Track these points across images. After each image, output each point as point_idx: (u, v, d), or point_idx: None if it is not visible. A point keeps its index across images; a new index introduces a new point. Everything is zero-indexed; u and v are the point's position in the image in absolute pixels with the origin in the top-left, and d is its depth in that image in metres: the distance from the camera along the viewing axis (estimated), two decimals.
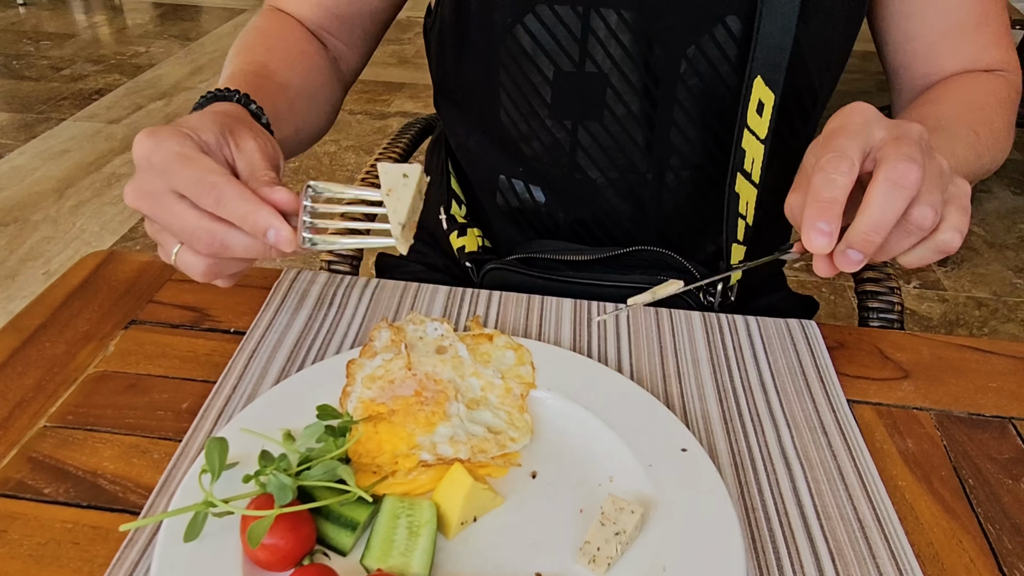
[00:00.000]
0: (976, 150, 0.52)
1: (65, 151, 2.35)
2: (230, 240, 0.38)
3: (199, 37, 3.38)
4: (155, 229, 0.42)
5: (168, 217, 0.39)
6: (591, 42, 0.55)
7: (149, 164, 0.39)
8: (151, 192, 0.39)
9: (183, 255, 0.40)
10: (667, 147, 0.58)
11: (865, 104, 0.39)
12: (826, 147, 0.38)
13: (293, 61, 0.57)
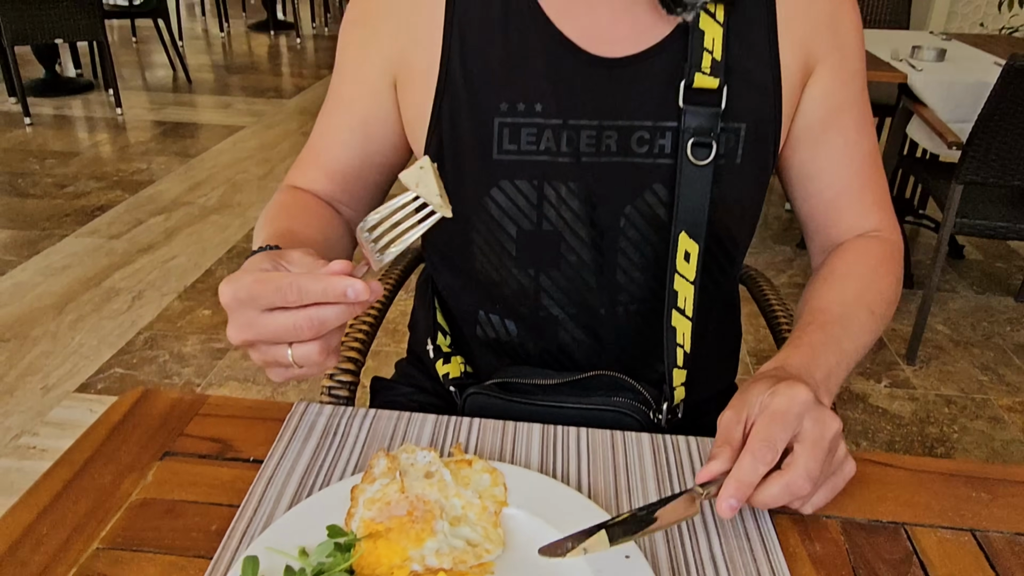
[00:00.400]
0: (873, 329, 0.65)
1: (66, 267, 2.45)
2: (324, 314, 0.47)
3: (199, 153, 3.56)
4: (262, 352, 0.49)
5: (271, 329, 0.47)
6: (546, 207, 0.66)
7: (237, 302, 0.48)
8: (248, 321, 0.48)
9: (297, 352, 0.48)
10: (615, 287, 0.69)
11: (806, 393, 0.51)
12: (767, 424, 0.50)
13: (312, 221, 0.69)
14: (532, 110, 0.64)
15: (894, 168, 2.40)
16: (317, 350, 0.48)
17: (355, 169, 0.73)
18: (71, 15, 3.78)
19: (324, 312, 0.47)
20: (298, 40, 6.43)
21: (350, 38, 0.71)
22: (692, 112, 0.64)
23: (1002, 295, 2.46)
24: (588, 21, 0.64)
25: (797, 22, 0.66)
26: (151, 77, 5.09)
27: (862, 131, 0.71)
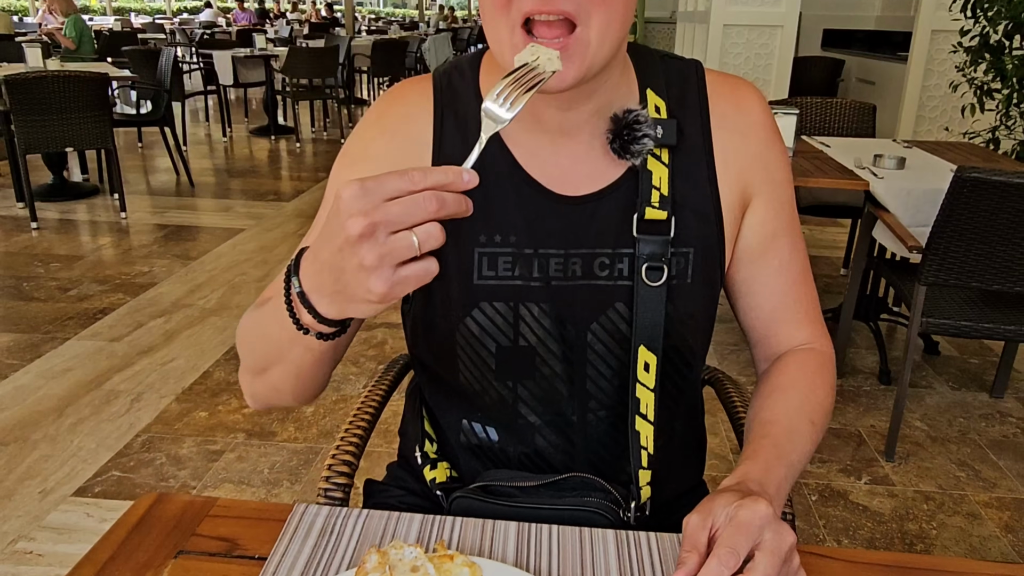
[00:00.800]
0: (814, 439, 0.73)
1: (67, 369, 2.51)
2: (444, 195, 0.48)
3: (199, 256, 3.68)
4: (379, 245, 0.47)
5: (396, 210, 0.47)
6: (521, 325, 0.75)
7: (363, 189, 0.48)
8: (373, 206, 0.47)
9: (421, 233, 0.48)
10: (585, 395, 0.78)
11: (766, 508, 0.57)
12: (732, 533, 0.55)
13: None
14: (507, 241, 0.74)
15: (864, 268, 2.52)
16: (438, 228, 0.48)
17: None
18: (82, 125, 3.99)
19: (444, 193, 0.48)
20: (298, 144, 6.72)
21: (345, 174, 0.78)
22: (645, 240, 0.74)
23: (977, 391, 2.54)
24: (553, 166, 0.75)
25: (732, 161, 0.77)
26: (155, 181, 5.29)
27: (795, 253, 0.81)
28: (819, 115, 3.25)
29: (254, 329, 0.71)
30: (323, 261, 0.52)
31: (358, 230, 0.47)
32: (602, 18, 0.63)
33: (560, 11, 0.62)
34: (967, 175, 1.79)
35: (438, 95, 0.77)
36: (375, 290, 0.49)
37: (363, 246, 0.48)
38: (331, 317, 0.56)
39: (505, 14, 0.63)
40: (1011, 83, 3.19)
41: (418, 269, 0.49)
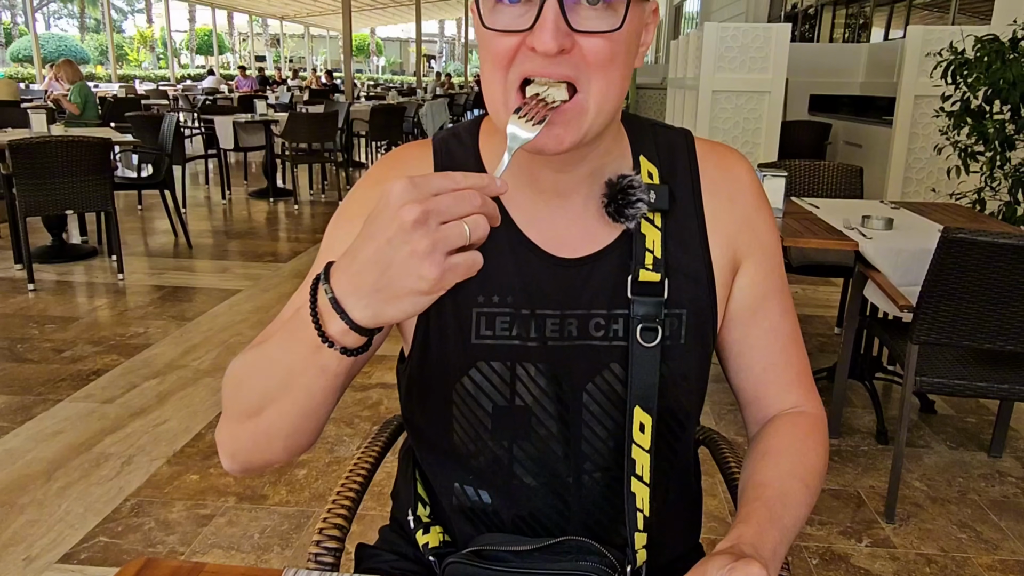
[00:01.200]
0: (808, 502, 0.74)
1: (58, 432, 2.49)
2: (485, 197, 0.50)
3: (195, 317, 3.69)
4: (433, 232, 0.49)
5: (446, 201, 0.49)
6: (518, 385, 0.76)
7: (413, 184, 0.50)
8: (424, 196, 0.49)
9: (471, 222, 0.50)
10: (580, 456, 0.77)
11: (759, 570, 0.57)
12: None
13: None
14: (505, 302, 0.75)
15: (857, 328, 2.53)
16: (484, 220, 0.50)
17: None
18: (83, 189, 4.04)
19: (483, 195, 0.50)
20: (296, 207, 6.79)
21: (342, 232, 0.78)
22: (639, 302, 0.75)
23: (975, 450, 2.52)
24: (549, 228, 0.77)
25: (722, 225, 0.80)
26: (153, 243, 5.33)
27: (785, 316, 0.82)
28: (808, 177, 3.32)
29: (253, 365, 0.68)
30: (365, 258, 0.52)
31: (413, 216, 0.48)
32: (601, 85, 0.65)
33: (562, 75, 0.64)
34: (953, 236, 1.82)
35: (438, 160, 0.79)
36: (428, 275, 0.49)
37: (416, 232, 0.49)
38: (364, 323, 0.54)
39: (504, 74, 0.65)
40: (993, 146, 3.27)
41: (467, 258, 0.51)
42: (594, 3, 0.62)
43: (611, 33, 0.63)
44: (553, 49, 0.61)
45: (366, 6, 24.22)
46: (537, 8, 0.61)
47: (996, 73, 3.10)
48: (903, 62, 4.93)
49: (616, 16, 0.63)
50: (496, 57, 0.65)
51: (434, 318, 0.76)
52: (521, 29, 0.63)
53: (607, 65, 0.64)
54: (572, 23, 0.62)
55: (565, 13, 0.61)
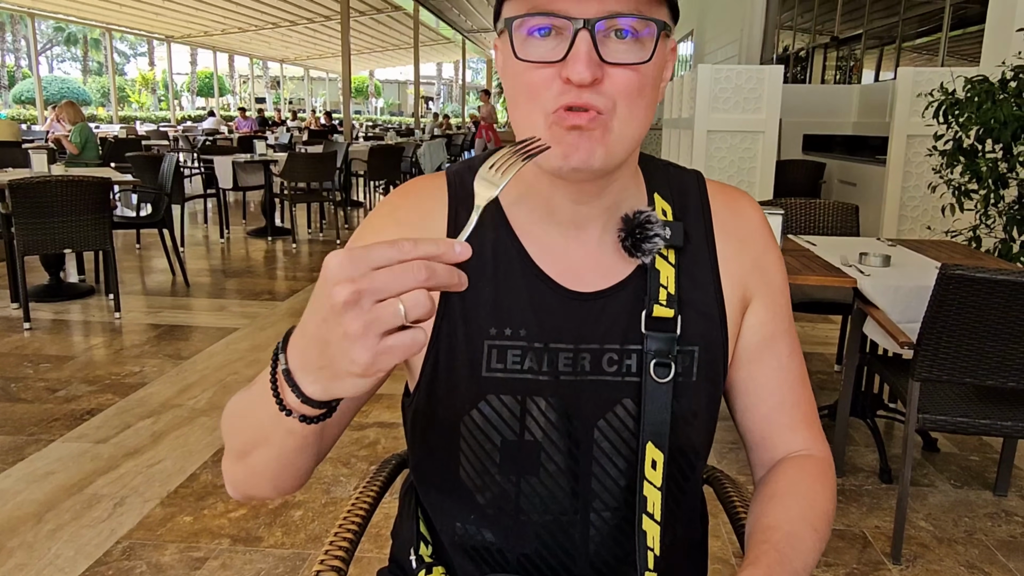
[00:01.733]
0: (818, 547, 0.72)
1: (50, 473, 2.45)
2: (435, 265, 0.46)
3: (191, 356, 3.66)
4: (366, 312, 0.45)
5: (383, 277, 0.45)
6: (527, 419, 0.75)
7: (350, 258, 0.46)
8: (360, 273, 0.45)
9: (408, 300, 0.45)
10: (589, 494, 0.76)
11: None
12: None
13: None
14: (517, 335, 0.75)
15: (857, 365, 2.52)
16: (426, 296, 0.46)
17: None
18: (82, 228, 4.05)
19: (435, 264, 0.46)
20: (294, 245, 6.81)
21: None
22: (653, 337, 0.75)
23: (980, 488, 2.49)
24: (564, 262, 0.77)
25: (733, 264, 0.80)
26: (151, 281, 5.33)
27: (793, 356, 0.82)
28: (804, 215, 3.34)
29: (240, 409, 0.68)
30: (309, 335, 0.50)
31: (343, 297, 0.45)
32: (626, 111, 0.66)
33: (591, 105, 0.65)
34: (952, 272, 1.82)
35: (452, 191, 0.79)
36: (358, 360, 0.46)
37: (348, 314, 0.45)
38: (316, 397, 0.53)
39: (537, 105, 0.67)
40: (987, 184, 3.30)
41: (404, 339, 0.46)
42: (622, 37, 0.64)
43: (640, 65, 0.65)
44: (587, 79, 0.63)
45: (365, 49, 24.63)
46: (569, 40, 0.63)
47: (987, 113, 3.14)
48: (895, 102, 5.01)
49: (644, 50, 0.65)
50: (529, 88, 0.66)
51: (444, 349, 0.76)
52: (554, 60, 0.65)
53: (635, 95, 0.66)
54: (603, 55, 0.64)
55: (597, 46, 0.63)
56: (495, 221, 0.78)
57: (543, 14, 0.64)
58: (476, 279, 0.76)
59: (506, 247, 0.77)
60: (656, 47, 0.65)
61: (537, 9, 0.64)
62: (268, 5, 16.24)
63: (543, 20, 0.64)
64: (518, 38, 0.66)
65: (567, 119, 0.65)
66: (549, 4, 0.63)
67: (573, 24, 0.63)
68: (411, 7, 15.96)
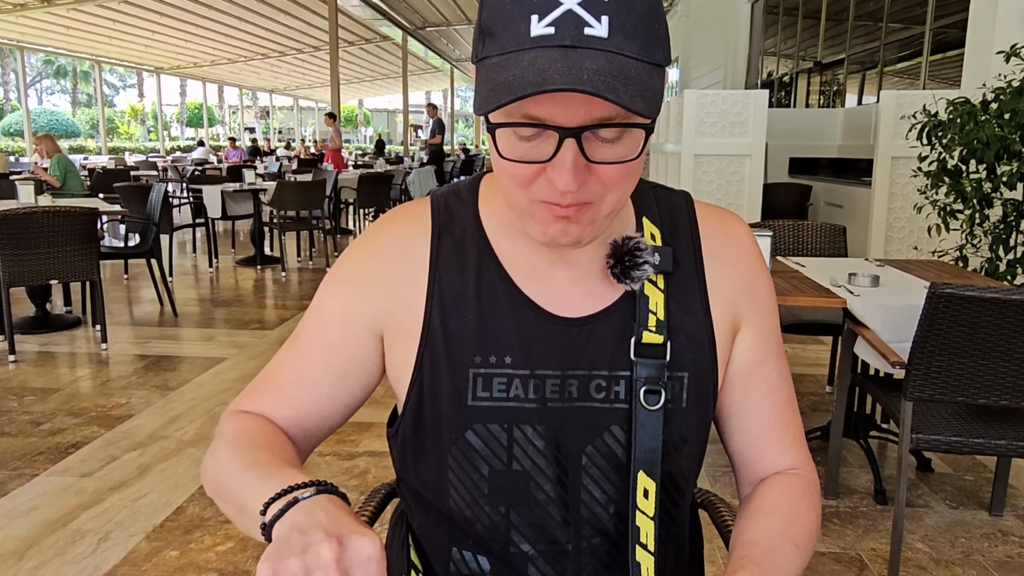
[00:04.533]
0: (799, 563, 0.71)
1: (33, 508, 2.40)
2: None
3: (179, 386, 3.62)
4: None
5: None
6: (515, 448, 0.73)
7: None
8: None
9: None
10: (580, 522, 0.74)
11: None
12: None
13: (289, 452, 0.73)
14: (503, 362, 0.73)
15: (849, 385, 2.51)
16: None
17: (324, 408, 0.77)
18: (69, 259, 4.02)
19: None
20: (283, 273, 6.78)
21: (337, 290, 0.78)
22: (642, 364, 0.74)
23: (975, 509, 2.47)
24: (550, 288, 0.76)
25: (723, 288, 0.79)
26: (139, 312, 5.28)
27: (782, 379, 0.82)
28: (793, 236, 3.36)
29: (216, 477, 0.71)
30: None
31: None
32: (615, 196, 0.65)
33: (581, 202, 0.64)
34: (941, 291, 1.82)
35: (436, 217, 0.78)
36: None
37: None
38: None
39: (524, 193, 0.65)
40: (972, 204, 3.33)
41: None
42: (610, 140, 0.61)
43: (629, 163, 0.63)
44: (573, 188, 0.61)
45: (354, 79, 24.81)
46: (556, 144, 0.60)
47: (970, 134, 3.18)
48: (879, 125, 5.07)
49: (631, 147, 0.62)
50: (515, 180, 0.64)
51: (428, 379, 0.74)
52: (540, 160, 0.62)
53: (621, 184, 0.64)
54: (590, 155, 0.61)
55: (584, 149, 0.60)
56: (479, 248, 0.76)
57: (530, 124, 0.60)
58: (459, 307, 0.75)
59: (490, 274, 0.75)
60: (644, 144, 0.62)
61: (524, 116, 0.60)
62: (257, 36, 16.37)
63: (530, 131, 0.61)
64: (502, 138, 0.63)
65: (554, 210, 0.64)
66: (535, 109, 0.59)
67: (559, 132, 0.60)
68: (400, 37, 16.11)
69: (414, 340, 0.75)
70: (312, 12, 13.70)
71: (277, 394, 0.78)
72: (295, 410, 0.77)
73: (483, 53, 0.62)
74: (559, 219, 0.64)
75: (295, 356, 0.79)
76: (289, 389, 0.78)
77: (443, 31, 16.48)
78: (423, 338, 0.74)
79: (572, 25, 0.57)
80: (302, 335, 0.79)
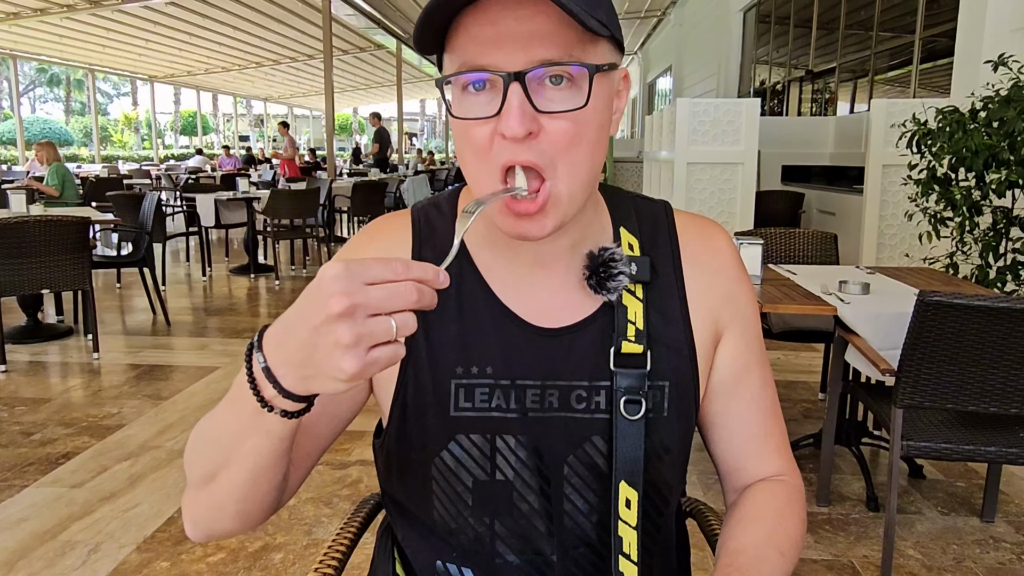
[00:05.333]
0: (784, 570, 0.72)
1: (23, 519, 2.38)
2: (424, 289, 0.50)
3: (171, 396, 3.61)
4: (359, 326, 0.48)
5: (377, 295, 0.49)
6: (498, 458, 0.74)
7: (348, 272, 0.49)
8: (356, 288, 0.48)
9: (399, 319, 0.49)
10: (563, 532, 0.75)
11: None
12: None
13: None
14: (484, 372, 0.74)
15: (841, 393, 2.52)
16: (414, 318, 0.50)
17: (313, 426, 0.77)
18: (60, 268, 4.01)
19: (424, 287, 0.50)
20: (276, 282, 6.77)
21: None
22: (622, 374, 0.74)
23: (967, 515, 2.48)
24: (530, 299, 0.76)
25: (703, 297, 0.79)
26: (131, 321, 5.26)
27: (765, 386, 0.82)
28: (784, 244, 3.37)
29: (208, 428, 0.67)
30: (294, 336, 0.52)
31: (339, 308, 0.48)
32: (568, 168, 0.65)
33: (527, 162, 0.64)
34: (929, 299, 1.84)
35: (416, 229, 0.79)
36: (347, 369, 0.49)
37: (342, 324, 0.48)
38: (297, 392, 0.55)
39: (484, 163, 0.66)
40: (961, 212, 3.35)
41: (389, 351, 0.50)
42: (558, 83, 0.63)
43: (577, 112, 0.64)
44: (520, 134, 0.62)
45: (348, 87, 24.85)
46: (502, 94, 0.62)
47: (959, 142, 3.20)
48: (869, 133, 5.10)
49: (581, 94, 0.63)
50: (473, 146, 0.66)
51: (411, 391, 0.75)
52: (489, 115, 0.63)
53: (573, 147, 0.65)
54: (537, 105, 0.63)
55: (530, 96, 0.62)
56: (460, 261, 0.77)
57: (474, 70, 0.63)
58: (442, 319, 0.75)
59: (471, 286, 0.76)
60: (592, 89, 0.63)
61: (468, 66, 0.63)
62: (251, 45, 16.38)
63: (475, 76, 0.63)
64: (455, 95, 0.65)
65: (514, 207, 0.66)
66: (479, 58, 0.62)
67: (504, 78, 0.61)
68: (394, 46, 16.14)
69: None
70: (306, 21, 13.72)
71: None
72: None
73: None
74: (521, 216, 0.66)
75: None
76: None
77: None
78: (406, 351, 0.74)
79: None
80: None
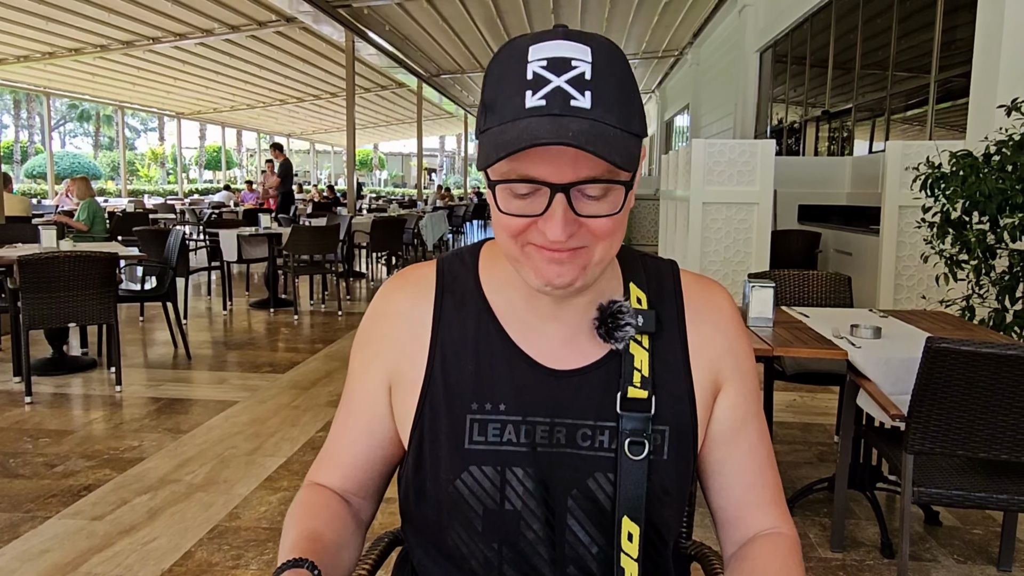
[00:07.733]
0: None
1: (44, 551, 2.43)
2: None
3: (190, 429, 3.66)
4: None
5: None
6: (507, 489, 0.80)
7: None
8: None
9: None
10: (564, 560, 0.81)
11: None
12: None
13: (332, 522, 0.82)
14: (497, 409, 0.81)
15: (854, 437, 2.52)
16: None
17: (364, 463, 0.88)
18: (88, 302, 4.11)
19: None
20: (295, 317, 6.86)
21: (356, 356, 0.90)
22: (628, 417, 0.81)
23: (984, 564, 2.45)
24: (542, 342, 0.84)
25: (704, 350, 0.86)
26: (153, 354, 5.36)
27: (761, 438, 0.87)
28: (797, 286, 3.39)
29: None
30: None
31: None
32: (604, 245, 0.74)
33: (572, 249, 0.72)
34: (937, 346, 1.86)
35: (440, 278, 0.88)
36: None
37: None
38: None
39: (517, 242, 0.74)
40: (977, 255, 3.36)
41: None
42: (596, 197, 0.71)
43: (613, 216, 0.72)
44: (563, 238, 0.70)
45: (369, 124, 25.30)
46: (547, 200, 0.70)
47: (972, 187, 3.23)
48: (885, 174, 5.13)
49: (614, 203, 0.71)
50: (509, 230, 0.74)
51: (428, 423, 0.82)
52: (533, 215, 0.71)
53: (609, 235, 0.73)
54: (577, 210, 0.71)
55: (572, 205, 0.70)
56: (478, 306, 0.86)
57: (525, 181, 0.70)
58: (459, 359, 0.83)
59: (487, 330, 0.84)
60: (625, 200, 0.72)
61: (520, 176, 0.70)
62: (276, 83, 16.78)
63: (525, 187, 0.70)
64: (502, 194, 0.72)
65: (547, 254, 0.73)
66: (530, 170, 0.69)
67: (551, 189, 0.69)
68: (415, 84, 16.47)
69: (417, 389, 0.84)
70: (330, 60, 14.06)
71: (330, 461, 0.90)
72: (345, 473, 0.89)
73: (485, 125, 0.71)
74: (552, 262, 0.73)
75: (336, 423, 0.91)
76: (336, 454, 0.89)
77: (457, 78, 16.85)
78: (425, 387, 0.83)
79: (560, 98, 0.67)
80: (341, 404, 0.91)
